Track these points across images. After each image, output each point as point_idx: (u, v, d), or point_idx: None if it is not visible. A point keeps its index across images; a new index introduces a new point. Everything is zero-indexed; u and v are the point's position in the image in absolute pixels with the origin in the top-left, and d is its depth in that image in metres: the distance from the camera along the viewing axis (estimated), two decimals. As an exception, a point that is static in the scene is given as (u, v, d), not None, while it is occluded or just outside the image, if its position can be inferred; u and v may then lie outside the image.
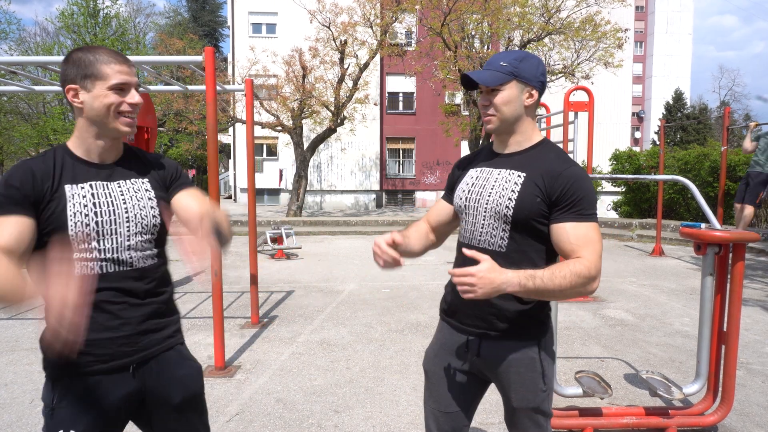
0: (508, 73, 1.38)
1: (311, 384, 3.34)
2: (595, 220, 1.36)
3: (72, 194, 1.26)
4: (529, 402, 1.44)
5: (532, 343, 1.44)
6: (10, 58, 5.52)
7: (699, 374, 2.68)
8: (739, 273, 2.52)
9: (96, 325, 1.25)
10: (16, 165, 1.26)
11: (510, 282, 1.23)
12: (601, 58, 13.18)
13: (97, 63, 1.26)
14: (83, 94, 1.26)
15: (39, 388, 3.23)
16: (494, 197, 1.40)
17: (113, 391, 1.29)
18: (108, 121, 1.28)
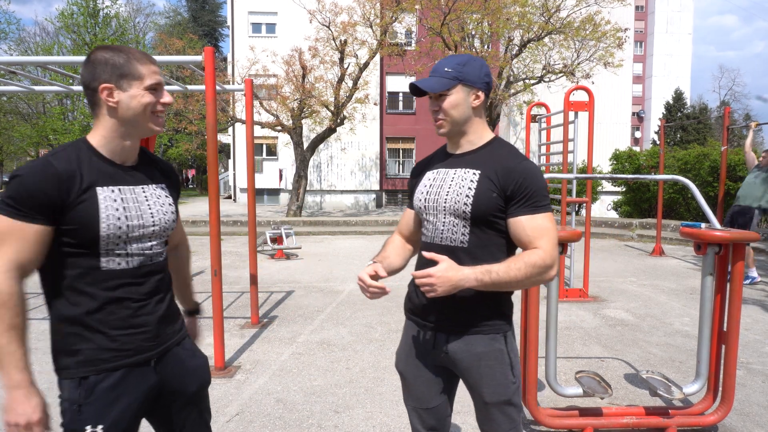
0: (453, 78, 1.43)
1: (311, 384, 3.34)
2: (548, 211, 1.42)
3: (104, 197, 1.24)
4: (500, 395, 1.47)
5: (499, 336, 1.48)
6: (10, 58, 5.52)
7: (699, 374, 2.68)
8: (739, 273, 2.52)
9: (120, 322, 1.28)
10: (39, 165, 1.17)
11: (467, 278, 1.32)
12: (601, 58, 13.18)
13: (133, 62, 1.26)
14: (118, 93, 1.25)
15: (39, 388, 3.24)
16: (452, 195, 1.45)
17: (137, 385, 1.31)
18: (143, 120, 1.29)
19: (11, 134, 27.49)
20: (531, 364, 2.60)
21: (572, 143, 5.72)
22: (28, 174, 1.15)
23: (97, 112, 1.27)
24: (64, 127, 24.08)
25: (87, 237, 1.21)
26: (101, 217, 1.22)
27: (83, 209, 1.20)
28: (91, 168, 1.24)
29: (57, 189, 1.16)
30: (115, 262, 1.27)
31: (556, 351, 2.62)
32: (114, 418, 1.26)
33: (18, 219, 1.14)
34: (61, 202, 1.17)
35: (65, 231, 1.20)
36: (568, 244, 4.05)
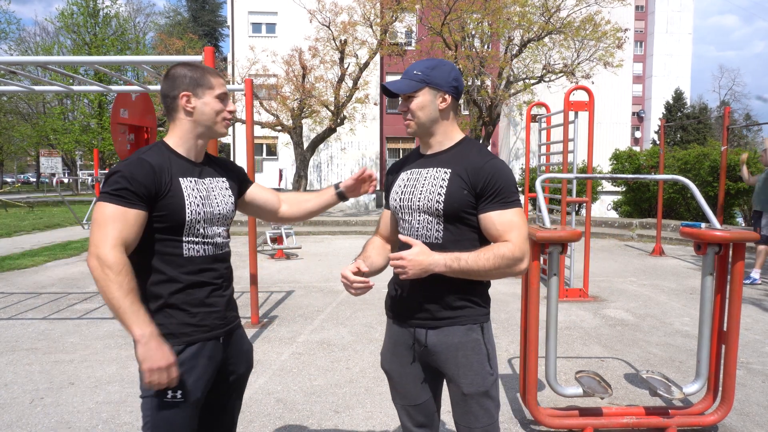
0: (420, 81, 1.50)
1: (311, 384, 3.34)
2: (518, 206, 1.47)
3: (185, 186, 1.46)
4: (478, 386, 1.51)
5: (476, 327, 1.53)
6: (10, 58, 5.52)
7: (699, 374, 2.68)
8: (739, 272, 2.52)
9: (198, 301, 1.47)
10: (135, 161, 1.39)
11: (437, 263, 1.40)
12: (601, 58, 13.18)
13: (207, 75, 1.51)
14: (194, 100, 1.49)
15: (39, 388, 3.24)
16: (425, 194, 1.51)
17: (210, 358, 1.49)
18: (214, 124, 1.53)
19: (11, 134, 27.49)
20: (531, 364, 2.60)
21: (572, 143, 5.72)
22: (127, 168, 1.37)
23: (175, 117, 1.51)
24: (64, 127, 24.07)
25: (175, 221, 1.42)
26: (186, 203, 1.44)
27: (172, 197, 1.42)
28: (172, 163, 1.47)
29: (152, 180, 1.38)
30: (194, 250, 1.48)
31: (556, 351, 2.62)
32: (191, 386, 1.43)
33: (122, 205, 1.34)
34: (156, 191, 1.39)
35: (157, 217, 1.41)
36: (568, 244, 4.05)
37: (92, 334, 4.40)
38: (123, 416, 2.87)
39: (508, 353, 3.93)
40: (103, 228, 1.32)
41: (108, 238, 1.31)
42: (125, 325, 1.30)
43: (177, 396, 1.41)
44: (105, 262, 1.29)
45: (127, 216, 1.34)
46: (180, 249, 1.45)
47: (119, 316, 1.29)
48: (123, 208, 1.34)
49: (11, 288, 6.24)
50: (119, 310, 1.29)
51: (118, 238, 1.32)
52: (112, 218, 1.33)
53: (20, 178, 53.05)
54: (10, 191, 30.97)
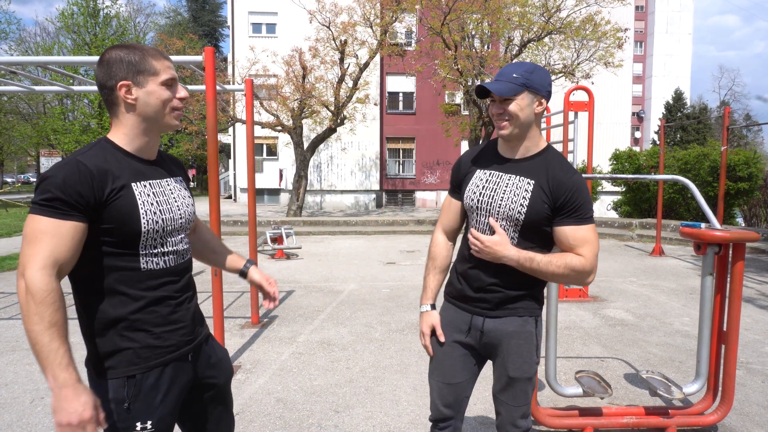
0: (521, 85, 1.50)
1: (311, 384, 3.34)
2: (592, 222, 1.53)
3: (139, 192, 1.26)
4: (525, 372, 1.62)
5: (531, 319, 1.62)
6: (10, 58, 5.52)
7: (699, 374, 2.68)
8: (738, 272, 2.52)
9: (161, 319, 1.31)
10: (68, 164, 1.17)
11: (510, 257, 1.49)
12: (601, 58, 13.18)
13: (147, 59, 1.27)
14: (136, 90, 1.26)
15: (39, 388, 3.24)
16: (507, 202, 1.54)
17: (178, 379, 1.35)
18: (162, 116, 1.31)
19: (11, 134, 27.49)
20: (531, 364, 2.60)
21: (572, 143, 5.71)
22: (59, 173, 1.15)
23: (116, 111, 1.28)
24: (64, 127, 24.07)
25: (128, 234, 1.23)
26: (141, 212, 1.24)
27: (121, 206, 1.21)
28: (121, 165, 1.25)
29: (90, 186, 1.17)
30: (153, 262, 1.29)
31: (556, 351, 2.63)
32: (161, 413, 1.29)
33: (52, 217, 1.14)
34: (95, 200, 1.18)
35: (105, 230, 1.21)
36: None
37: (92, 334, 4.40)
38: (123, 416, 2.87)
39: (508, 353, 3.93)
40: (32, 245, 1.13)
41: (37, 258, 1.11)
42: (41, 366, 1.10)
43: (147, 427, 1.26)
44: (29, 287, 1.10)
45: (61, 230, 1.14)
46: (137, 263, 1.26)
47: (35, 354, 1.10)
48: (54, 221, 1.13)
49: (12, 288, 6.24)
50: (35, 347, 1.09)
51: (48, 257, 1.12)
52: (42, 233, 1.13)
53: (20, 178, 53.05)
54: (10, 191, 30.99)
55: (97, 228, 1.20)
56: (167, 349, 1.32)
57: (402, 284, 6.45)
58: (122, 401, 1.25)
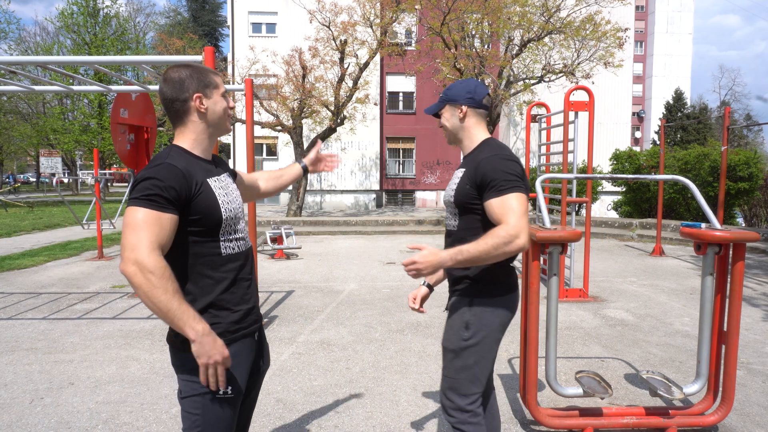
0: (441, 101, 1.87)
1: (311, 384, 3.34)
2: (512, 191, 1.66)
3: (214, 186, 1.47)
4: (450, 343, 1.82)
5: (465, 299, 1.81)
6: (10, 57, 5.52)
7: (699, 374, 2.68)
8: (739, 273, 2.51)
9: (239, 298, 1.50)
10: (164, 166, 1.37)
11: (443, 259, 1.63)
12: (602, 58, 13.17)
13: (209, 74, 1.52)
14: (206, 101, 1.50)
15: (39, 388, 3.24)
16: (447, 191, 1.87)
17: (249, 354, 1.55)
18: (224, 121, 1.56)
19: (11, 134, 27.49)
20: (531, 364, 2.60)
21: (572, 143, 5.71)
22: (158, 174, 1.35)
23: (186, 120, 1.50)
24: (64, 127, 24.06)
25: (212, 222, 1.43)
26: (220, 203, 1.45)
27: (205, 199, 1.41)
28: (196, 166, 1.46)
29: (183, 184, 1.37)
30: (230, 248, 1.49)
31: (556, 351, 2.62)
32: (239, 381, 1.49)
33: (155, 209, 1.32)
34: (186, 195, 1.38)
35: (192, 221, 1.40)
36: (568, 245, 4.06)
37: (92, 334, 4.40)
38: (123, 416, 2.87)
39: (508, 353, 3.93)
40: (137, 232, 1.29)
41: (144, 242, 1.28)
42: (177, 326, 1.30)
43: (228, 392, 1.44)
44: (145, 267, 1.26)
45: (162, 220, 1.32)
46: (218, 249, 1.45)
47: (169, 319, 1.29)
48: (156, 213, 1.32)
49: (11, 288, 6.24)
50: (168, 314, 1.28)
51: (154, 242, 1.29)
52: (145, 222, 1.30)
53: (19, 177, 53.04)
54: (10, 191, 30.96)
55: (186, 219, 1.39)
56: (244, 325, 1.51)
57: (402, 284, 6.45)
58: None
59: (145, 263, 1.26)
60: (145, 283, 1.26)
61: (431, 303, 5.44)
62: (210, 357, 1.32)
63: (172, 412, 2.91)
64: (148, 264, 1.26)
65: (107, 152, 24.29)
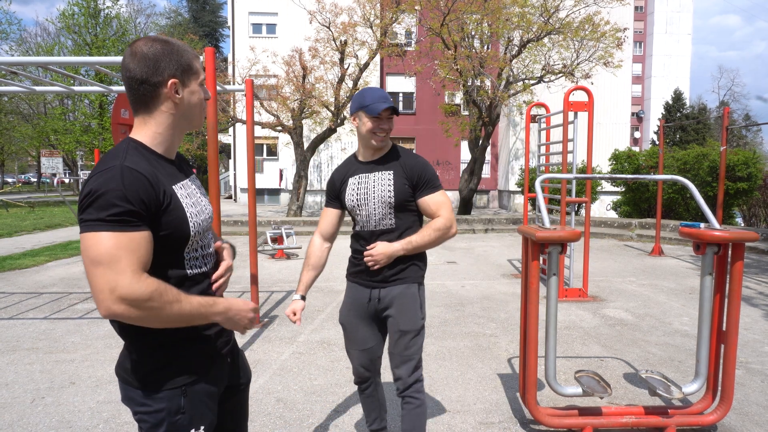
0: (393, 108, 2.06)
1: (311, 384, 3.35)
2: (441, 188, 2.07)
3: (180, 195, 1.21)
4: (413, 325, 2.04)
5: (413, 285, 2.07)
6: (11, 58, 5.53)
7: (698, 373, 2.69)
8: (738, 272, 2.52)
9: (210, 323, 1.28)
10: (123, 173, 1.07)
11: (397, 250, 1.99)
12: (601, 58, 13.18)
13: (188, 55, 1.22)
14: (182, 89, 1.21)
15: (40, 388, 3.25)
16: (378, 192, 2.03)
17: (221, 380, 1.37)
18: (197, 115, 1.28)
19: (12, 134, 27.50)
20: (530, 364, 2.61)
21: (572, 143, 5.73)
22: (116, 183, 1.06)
23: (152, 108, 1.19)
24: (64, 128, 24.07)
25: (178, 239, 1.19)
26: (188, 214, 1.21)
27: (172, 212, 1.16)
28: (157, 168, 1.18)
29: (151, 193, 1.11)
30: (197, 266, 1.27)
31: (555, 350, 2.63)
32: (210, 416, 1.30)
33: (124, 231, 1.05)
34: (155, 207, 1.12)
35: (160, 238, 1.14)
36: (568, 244, 4.06)
37: (93, 333, 4.41)
38: (124, 416, 2.88)
39: (507, 353, 3.94)
40: (111, 266, 1.02)
41: (125, 275, 1.02)
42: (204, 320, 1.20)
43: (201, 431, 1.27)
44: (140, 299, 1.03)
45: (135, 241, 1.06)
46: (183, 269, 1.22)
47: (193, 321, 1.16)
48: (129, 234, 1.05)
49: (12, 288, 6.25)
50: (191, 318, 1.14)
51: (135, 267, 1.04)
52: (119, 249, 1.03)
53: (21, 178, 53.02)
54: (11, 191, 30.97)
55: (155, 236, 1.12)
56: (214, 351, 1.32)
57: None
58: (177, 411, 1.22)
59: (137, 295, 1.02)
60: (147, 313, 1.05)
61: (430, 302, 5.46)
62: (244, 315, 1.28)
63: None
64: (141, 294, 1.03)
65: (107, 153, 24.25)
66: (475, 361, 3.75)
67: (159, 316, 1.08)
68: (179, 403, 1.22)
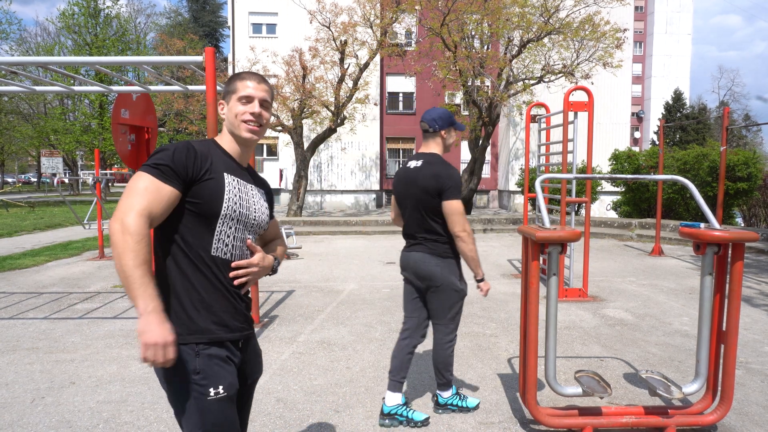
0: None
1: (311, 384, 3.35)
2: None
3: (228, 181, 1.46)
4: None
5: None
6: (11, 58, 5.53)
7: (698, 373, 2.69)
8: (738, 272, 2.52)
9: (224, 303, 1.46)
10: (181, 143, 1.42)
11: None
12: (601, 59, 13.18)
13: (235, 81, 1.53)
14: (224, 107, 1.55)
15: (40, 388, 3.25)
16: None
17: (234, 358, 1.50)
18: (235, 127, 1.52)
19: (12, 134, 27.50)
20: (530, 364, 2.61)
21: (572, 143, 5.73)
22: (172, 147, 1.40)
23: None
24: (64, 128, 24.07)
25: (209, 211, 1.42)
26: (225, 197, 1.44)
27: (211, 186, 1.42)
28: (219, 157, 1.49)
29: (192, 162, 1.39)
30: (222, 251, 1.45)
31: (555, 350, 2.63)
32: (230, 379, 1.44)
33: (158, 178, 1.34)
34: (193, 175, 1.39)
35: (191, 204, 1.40)
36: (568, 244, 4.06)
37: (93, 333, 4.41)
38: (124, 415, 2.88)
39: (507, 353, 3.94)
40: (133, 196, 1.32)
41: (136, 206, 1.30)
42: (131, 295, 1.27)
43: (219, 392, 1.40)
44: (127, 228, 1.27)
45: (161, 191, 1.34)
46: (209, 247, 1.43)
47: (127, 285, 1.27)
48: (158, 182, 1.34)
49: (12, 288, 6.25)
50: (128, 279, 1.26)
51: (146, 208, 1.31)
52: (145, 189, 1.33)
53: (21, 178, 53.02)
54: (11, 191, 30.97)
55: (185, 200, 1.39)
56: (225, 329, 1.46)
57: (402, 284, 6.45)
58: (194, 370, 1.39)
59: (128, 224, 1.27)
60: (121, 242, 1.26)
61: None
62: (150, 337, 1.25)
63: (173, 412, 2.92)
64: (130, 225, 1.27)
65: (108, 152, 24.31)
66: (475, 361, 3.75)
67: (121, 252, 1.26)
68: (195, 363, 1.39)
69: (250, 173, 1.61)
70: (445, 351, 2.78)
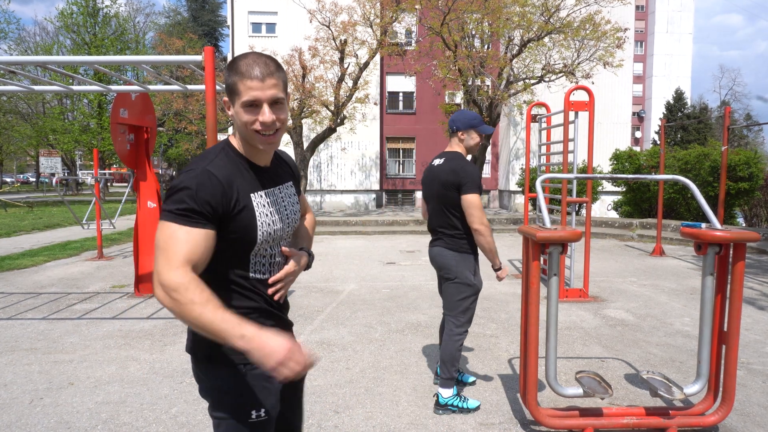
0: None
1: (311, 384, 3.33)
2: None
3: (257, 203, 1.31)
4: None
5: None
6: (10, 57, 5.52)
7: (700, 374, 2.67)
8: (739, 273, 2.51)
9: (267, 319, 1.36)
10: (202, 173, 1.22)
11: None
12: (601, 58, 13.16)
13: (236, 80, 1.26)
14: (231, 108, 1.30)
15: (38, 388, 3.23)
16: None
17: None
18: (250, 137, 1.30)
19: (11, 134, 27.50)
20: (531, 365, 2.60)
21: (572, 143, 5.71)
22: (192, 183, 1.20)
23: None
24: (63, 127, 24.06)
25: (246, 242, 1.29)
26: (258, 224, 1.30)
27: (243, 218, 1.27)
28: (242, 174, 1.31)
29: (220, 198, 1.23)
30: (260, 272, 1.35)
31: (556, 351, 2.62)
32: (271, 401, 1.36)
33: (185, 225, 1.19)
34: (223, 210, 1.23)
35: (227, 239, 1.26)
36: (569, 244, 4.05)
37: (92, 334, 4.40)
38: (122, 416, 2.87)
39: (508, 353, 3.93)
40: (165, 251, 1.17)
41: (171, 262, 1.15)
42: (222, 338, 1.12)
43: (261, 415, 1.31)
44: (168, 286, 1.13)
45: (192, 235, 1.19)
46: (246, 271, 1.32)
47: (212, 334, 1.13)
48: (186, 228, 1.18)
49: (11, 288, 6.24)
50: (209, 328, 1.12)
51: (181, 260, 1.16)
52: (175, 239, 1.18)
53: (19, 177, 53.01)
54: (9, 191, 30.97)
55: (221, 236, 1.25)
56: None
57: (402, 284, 6.44)
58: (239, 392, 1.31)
59: (167, 282, 1.13)
60: (172, 304, 1.13)
61: (431, 303, 5.45)
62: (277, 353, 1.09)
63: (172, 413, 2.91)
64: (170, 282, 1.13)
65: (107, 152, 24.29)
66: (476, 362, 3.74)
67: (181, 312, 1.13)
68: (232, 382, 1.30)
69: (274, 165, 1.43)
70: (454, 344, 2.84)
